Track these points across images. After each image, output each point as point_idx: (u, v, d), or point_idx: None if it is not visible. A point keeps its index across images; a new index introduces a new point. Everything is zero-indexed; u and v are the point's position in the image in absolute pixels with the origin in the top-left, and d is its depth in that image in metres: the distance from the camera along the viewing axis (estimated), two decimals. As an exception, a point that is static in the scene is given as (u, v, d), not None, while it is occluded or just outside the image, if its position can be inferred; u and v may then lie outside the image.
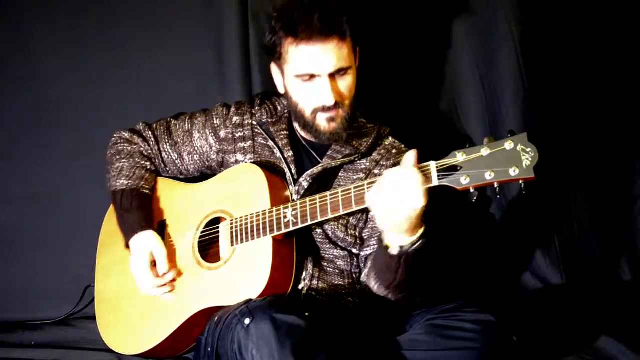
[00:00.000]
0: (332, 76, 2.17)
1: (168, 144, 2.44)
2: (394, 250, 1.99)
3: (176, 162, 2.45)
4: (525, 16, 2.82)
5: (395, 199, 1.86)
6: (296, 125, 2.36)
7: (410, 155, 1.91)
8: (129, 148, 2.44)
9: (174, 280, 2.31)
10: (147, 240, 2.32)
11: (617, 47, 2.92)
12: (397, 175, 1.87)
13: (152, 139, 2.45)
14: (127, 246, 2.35)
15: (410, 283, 2.09)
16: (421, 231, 1.98)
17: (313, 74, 2.16)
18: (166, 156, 2.44)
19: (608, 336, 2.39)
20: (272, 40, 2.22)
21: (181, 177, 2.48)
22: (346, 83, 2.20)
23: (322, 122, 2.22)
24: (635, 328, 2.49)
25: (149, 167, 2.43)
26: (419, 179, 1.85)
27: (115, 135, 2.50)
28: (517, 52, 2.83)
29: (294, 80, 2.21)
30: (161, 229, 2.39)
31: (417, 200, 1.85)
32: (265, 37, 2.27)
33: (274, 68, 2.31)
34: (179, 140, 2.44)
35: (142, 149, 2.44)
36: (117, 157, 2.43)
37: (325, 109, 2.19)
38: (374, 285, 2.15)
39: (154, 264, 2.31)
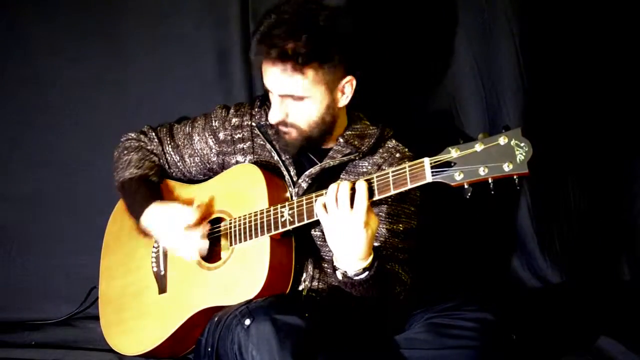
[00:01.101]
0: (283, 97, 2.18)
1: (170, 146, 2.45)
2: (339, 275, 2.05)
3: (178, 164, 2.45)
4: (525, 16, 2.83)
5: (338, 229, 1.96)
6: None
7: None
8: (137, 144, 2.46)
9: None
10: (159, 208, 2.27)
11: (617, 46, 2.92)
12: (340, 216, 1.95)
13: (156, 140, 2.46)
14: (140, 230, 2.31)
15: (374, 298, 2.12)
16: (366, 263, 2.01)
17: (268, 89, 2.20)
18: (169, 158, 2.45)
19: (608, 336, 2.39)
20: None
21: (185, 179, 2.48)
22: (298, 111, 2.19)
23: (280, 130, 2.25)
24: (635, 328, 2.49)
25: (157, 162, 2.44)
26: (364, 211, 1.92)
27: (122, 138, 2.52)
28: (517, 52, 2.83)
29: None
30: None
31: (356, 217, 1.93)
32: None
33: None
34: (180, 142, 2.45)
35: (149, 146, 2.46)
36: (125, 152, 2.44)
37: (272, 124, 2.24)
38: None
39: None
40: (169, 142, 2.46)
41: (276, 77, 2.14)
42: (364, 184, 1.94)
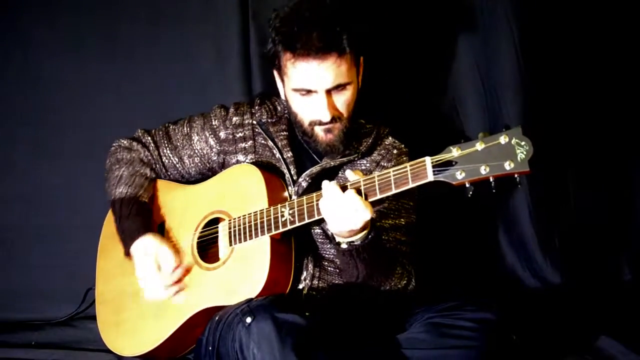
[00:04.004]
0: (330, 92, 2.17)
1: (168, 148, 2.44)
2: (344, 246, 2.06)
3: (177, 166, 2.44)
4: (525, 16, 2.83)
5: (341, 217, 1.97)
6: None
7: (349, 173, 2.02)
8: (128, 156, 2.43)
9: (179, 281, 2.27)
10: (149, 244, 2.28)
11: (617, 46, 2.92)
12: (339, 199, 1.97)
13: (152, 145, 2.45)
14: (127, 254, 2.32)
15: (378, 273, 2.13)
16: (365, 231, 2.03)
17: (310, 90, 2.17)
18: (167, 160, 2.44)
19: (608, 336, 2.40)
20: (272, 51, 2.22)
21: (183, 180, 2.48)
22: (344, 98, 2.20)
23: (320, 132, 2.23)
24: (635, 328, 2.49)
25: (148, 175, 2.42)
26: (358, 201, 1.95)
27: (114, 145, 2.50)
28: (517, 52, 2.84)
29: (291, 92, 2.22)
30: (160, 231, 2.39)
31: (364, 215, 1.95)
32: (266, 45, 2.26)
33: (276, 75, 2.31)
34: (178, 144, 2.44)
35: (141, 155, 2.44)
36: (117, 165, 2.42)
37: (322, 123, 2.20)
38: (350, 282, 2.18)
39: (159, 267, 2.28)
40: (166, 144, 2.45)
41: (326, 70, 2.13)
42: (351, 191, 1.98)
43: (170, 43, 2.91)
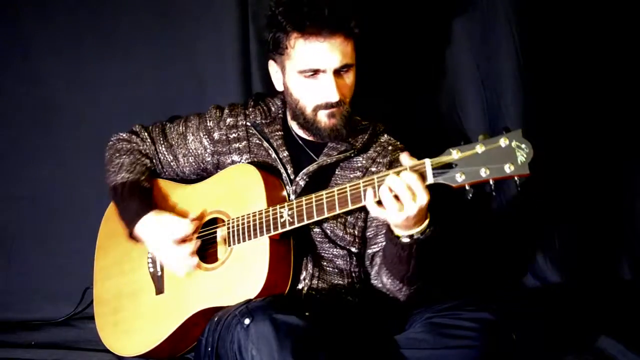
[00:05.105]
0: (336, 73, 2.19)
1: (163, 146, 2.44)
2: (405, 239, 2.03)
3: (172, 164, 2.44)
4: (525, 16, 2.83)
5: (400, 203, 1.92)
6: (292, 124, 2.36)
7: (405, 157, 1.96)
8: (128, 146, 2.44)
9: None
10: (154, 219, 2.26)
11: (617, 47, 2.92)
12: (397, 181, 1.92)
13: (149, 140, 2.45)
14: (131, 236, 2.30)
15: (423, 272, 2.12)
16: (428, 220, 2.02)
17: (318, 70, 2.18)
18: (162, 157, 2.44)
19: (607, 336, 2.40)
20: (276, 35, 2.22)
21: (178, 179, 2.48)
22: (349, 80, 2.22)
23: (323, 118, 2.23)
24: (635, 328, 2.49)
25: (148, 165, 2.42)
26: (417, 179, 1.90)
27: (112, 138, 2.50)
28: (517, 52, 2.84)
29: (296, 76, 2.22)
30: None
31: (421, 199, 1.91)
32: (266, 32, 2.28)
33: (272, 65, 2.32)
34: (173, 142, 2.44)
35: (140, 147, 2.44)
36: (117, 154, 2.42)
37: (327, 106, 2.21)
38: (386, 281, 2.17)
39: None
40: (162, 141, 2.45)
41: (335, 49, 2.16)
42: (414, 176, 1.91)
43: (170, 43, 2.92)
